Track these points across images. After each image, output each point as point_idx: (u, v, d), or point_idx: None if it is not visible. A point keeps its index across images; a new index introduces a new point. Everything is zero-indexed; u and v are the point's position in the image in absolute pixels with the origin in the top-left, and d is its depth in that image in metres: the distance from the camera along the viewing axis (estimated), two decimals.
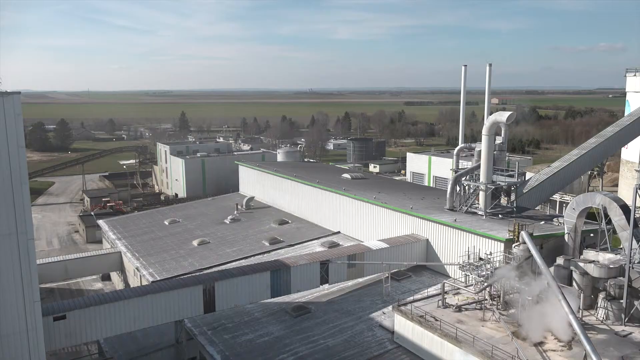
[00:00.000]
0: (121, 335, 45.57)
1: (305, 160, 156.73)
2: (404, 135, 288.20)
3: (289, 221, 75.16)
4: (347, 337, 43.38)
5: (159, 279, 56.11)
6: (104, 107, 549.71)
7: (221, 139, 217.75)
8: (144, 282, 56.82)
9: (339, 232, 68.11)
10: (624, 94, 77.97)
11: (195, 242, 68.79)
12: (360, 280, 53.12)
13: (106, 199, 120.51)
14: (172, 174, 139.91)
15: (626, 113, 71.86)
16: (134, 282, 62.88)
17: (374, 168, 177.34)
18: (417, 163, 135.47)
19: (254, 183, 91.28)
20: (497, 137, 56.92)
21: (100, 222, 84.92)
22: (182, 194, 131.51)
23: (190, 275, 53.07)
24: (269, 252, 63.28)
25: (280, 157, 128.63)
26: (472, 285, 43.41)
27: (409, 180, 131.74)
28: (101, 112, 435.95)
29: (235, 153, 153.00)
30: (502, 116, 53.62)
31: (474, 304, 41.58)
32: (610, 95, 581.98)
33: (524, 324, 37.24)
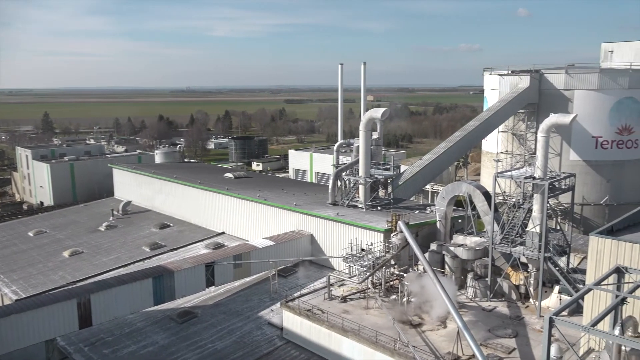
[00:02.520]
0: None
1: (186, 160, 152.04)
2: (286, 132, 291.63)
3: (171, 224, 72.36)
4: (236, 338, 42.82)
5: (24, 296, 51.30)
6: None
7: (92, 141, 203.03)
8: (7, 302, 51.66)
9: (223, 233, 66.91)
10: (482, 91, 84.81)
11: (66, 253, 63.63)
12: (247, 279, 52.68)
13: None
14: (35, 180, 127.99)
15: (484, 108, 78.54)
16: None
17: (256, 166, 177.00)
18: (299, 160, 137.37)
19: (131, 186, 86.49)
20: (374, 133, 59.49)
21: None
22: (48, 201, 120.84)
23: (61, 289, 49.05)
24: (150, 257, 60.40)
25: (158, 159, 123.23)
26: (355, 275, 45.03)
27: (292, 177, 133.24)
28: None
29: (109, 155, 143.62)
30: (377, 112, 56.17)
31: (358, 294, 43.25)
32: (471, 92, 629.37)
33: (404, 308, 39.56)
